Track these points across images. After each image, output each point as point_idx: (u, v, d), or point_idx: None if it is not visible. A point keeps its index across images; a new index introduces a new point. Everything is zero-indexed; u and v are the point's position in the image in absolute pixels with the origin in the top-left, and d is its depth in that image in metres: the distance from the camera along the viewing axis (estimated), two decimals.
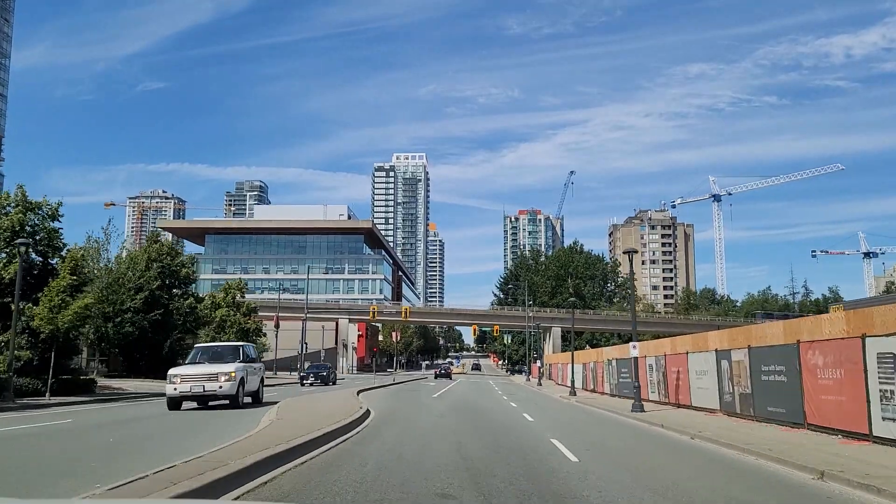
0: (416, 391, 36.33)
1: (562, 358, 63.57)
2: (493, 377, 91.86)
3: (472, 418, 19.08)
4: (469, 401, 28.85)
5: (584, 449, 12.37)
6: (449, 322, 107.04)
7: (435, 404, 25.35)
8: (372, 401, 24.61)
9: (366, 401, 23.14)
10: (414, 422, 17.49)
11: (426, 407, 23.79)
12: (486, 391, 41.07)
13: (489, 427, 16.55)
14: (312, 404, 20.62)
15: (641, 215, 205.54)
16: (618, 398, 31.12)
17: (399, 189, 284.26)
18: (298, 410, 17.88)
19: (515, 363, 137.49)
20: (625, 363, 30.97)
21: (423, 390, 38.00)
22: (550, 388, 48.33)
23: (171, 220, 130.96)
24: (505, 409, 24.90)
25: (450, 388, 42.46)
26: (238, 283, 57.31)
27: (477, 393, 37.81)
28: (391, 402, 26.16)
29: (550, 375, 71.60)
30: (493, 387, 48.89)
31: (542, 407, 26.68)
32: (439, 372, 70.42)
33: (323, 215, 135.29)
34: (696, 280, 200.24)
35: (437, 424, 16.78)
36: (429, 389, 39.25)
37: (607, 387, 35.58)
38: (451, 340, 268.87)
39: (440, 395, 32.03)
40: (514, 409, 24.14)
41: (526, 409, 23.71)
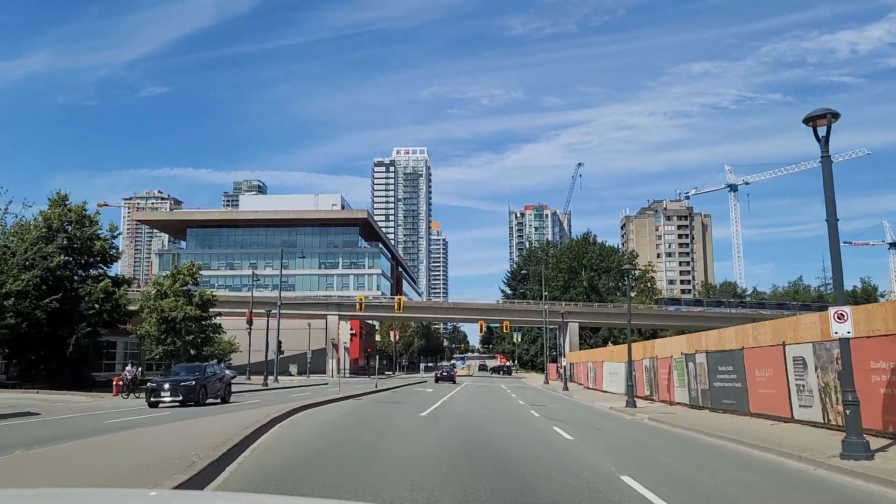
0: (401, 404, 25.20)
1: (590, 356, 52.51)
2: (503, 380, 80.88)
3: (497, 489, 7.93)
4: (482, 424, 16.98)
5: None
6: (452, 318, 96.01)
7: (420, 437, 13.91)
8: (300, 430, 13.85)
9: (282, 432, 12.33)
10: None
11: (400, 442, 12.61)
12: (502, 401, 30.06)
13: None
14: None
15: (656, 206, 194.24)
16: (713, 412, 20.06)
17: (400, 184, 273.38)
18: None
19: (525, 363, 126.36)
20: (721, 358, 20.03)
21: (414, 401, 26.98)
22: (583, 395, 37.30)
23: (149, 213, 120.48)
24: (557, 447, 12.38)
25: (452, 397, 31.54)
26: (189, 268, 46.45)
27: (491, 405, 26.79)
28: (338, 431, 14.80)
29: (572, 377, 60.62)
30: (509, 393, 37.87)
31: (622, 443, 13.98)
32: (440, 374, 59.50)
33: (315, 206, 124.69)
34: (714, 273, 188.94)
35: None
36: (421, 400, 28.22)
37: (680, 394, 24.54)
38: (456, 341, 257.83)
39: (434, 412, 20.78)
40: (580, 452, 11.74)
41: (603, 453, 11.74)
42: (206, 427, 12.81)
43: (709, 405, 20.95)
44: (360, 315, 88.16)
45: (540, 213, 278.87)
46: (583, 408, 26.13)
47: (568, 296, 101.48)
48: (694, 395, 22.61)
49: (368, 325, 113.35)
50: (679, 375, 24.64)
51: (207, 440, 10.18)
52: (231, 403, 25.58)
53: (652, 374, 29.58)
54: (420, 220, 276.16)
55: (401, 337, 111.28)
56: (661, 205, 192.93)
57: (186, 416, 16.65)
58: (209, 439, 10.29)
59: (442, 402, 26.27)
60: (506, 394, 37.04)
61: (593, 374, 44.28)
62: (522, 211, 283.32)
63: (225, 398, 26.48)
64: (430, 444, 12.34)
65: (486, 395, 34.33)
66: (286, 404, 19.73)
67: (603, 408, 25.92)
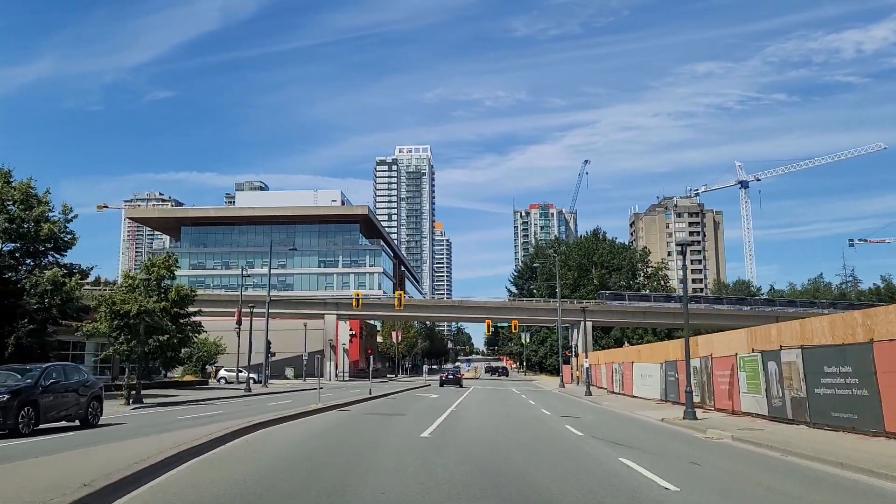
0: (398, 416, 19.86)
1: (611, 356, 47.31)
2: (512, 382, 75.73)
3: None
4: (511, 453, 11.63)
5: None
6: (458, 317, 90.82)
7: (419, 480, 8.55)
8: (225, 471, 8.58)
9: (193, 474, 7.13)
10: None
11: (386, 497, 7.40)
12: (524, 410, 24.88)
13: None
14: None
15: (666, 203, 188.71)
16: (815, 428, 14.78)
17: (402, 183, 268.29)
18: None
19: (533, 365, 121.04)
20: (830, 356, 14.83)
21: (414, 412, 21.81)
22: (613, 401, 32.12)
23: (142, 211, 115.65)
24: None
25: (461, 405, 26.41)
26: (165, 259, 41.47)
27: (512, 417, 21.61)
28: (282, 474, 9.60)
29: (592, 379, 55.42)
30: (526, 400, 32.69)
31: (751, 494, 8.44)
32: (446, 377, 54.27)
33: (314, 202, 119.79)
34: (726, 271, 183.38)
35: None
36: (423, 410, 23.06)
37: (750, 402, 19.35)
38: (460, 343, 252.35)
39: (439, 431, 15.25)
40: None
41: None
42: None
43: (805, 418, 15.75)
44: (360, 314, 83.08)
45: (545, 212, 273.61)
46: (627, 421, 20.95)
47: (578, 294, 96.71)
48: (777, 403, 17.40)
49: (369, 326, 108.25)
50: (750, 379, 19.45)
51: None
52: (112, 426, 17.24)
53: (703, 377, 24.42)
54: (423, 220, 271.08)
55: (403, 338, 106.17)
56: (671, 201, 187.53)
57: None
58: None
59: (449, 413, 21.13)
60: (523, 401, 31.87)
61: (619, 377, 39.10)
62: (527, 210, 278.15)
63: (89, 419, 17.14)
64: (435, 498, 7.27)
65: (502, 403, 29.16)
66: (240, 420, 14.66)
67: (652, 420, 20.75)
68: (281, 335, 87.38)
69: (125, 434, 14.18)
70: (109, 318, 25.36)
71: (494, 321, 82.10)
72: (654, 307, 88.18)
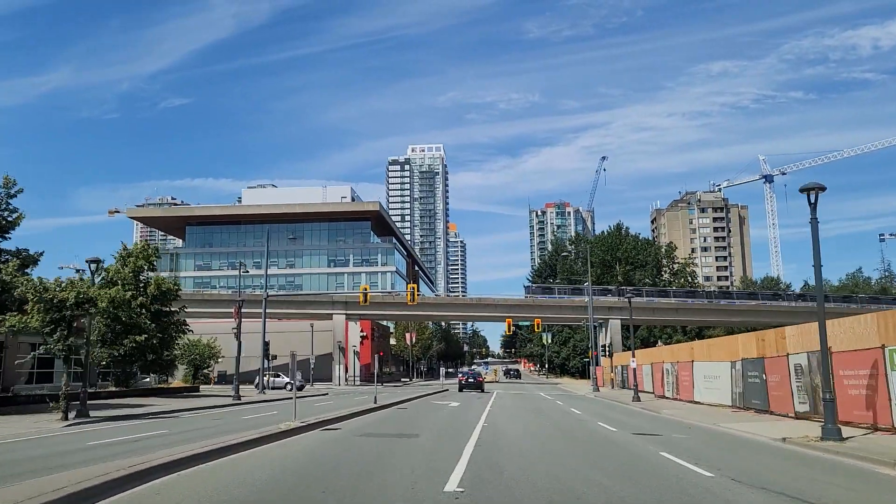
0: (407, 441, 13.51)
1: (655, 355, 41.29)
2: (537, 385, 69.82)
3: None
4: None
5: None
6: (475, 316, 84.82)
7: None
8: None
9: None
10: None
11: None
12: (580, 426, 18.96)
13: None
14: None
15: (689, 198, 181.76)
16: None
17: (415, 183, 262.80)
18: None
19: (555, 368, 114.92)
20: None
21: (430, 433, 15.78)
22: (675, 408, 26.20)
23: (144, 210, 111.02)
24: None
25: (491, 419, 20.63)
26: (143, 249, 36.19)
27: (572, 438, 15.68)
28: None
29: (626, 382, 49.50)
30: (570, 410, 26.79)
31: None
32: (465, 381, 48.47)
33: (322, 198, 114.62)
34: (752, 268, 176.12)
35: None
36: (442, 428, 17.19)
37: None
38: (476, 346, 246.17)
39: (474, 472, 9.35)
40: None
41: None
42: None
43: None
44: (370, 314, 77.57)
45: (562, 211, 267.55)
46: (734, 442, 15.05)
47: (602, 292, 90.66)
48: None
49: (382, 327, 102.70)
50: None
51: None
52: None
53: (813, 379, 18.54)
54: (437, 220, 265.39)
55: (418, 340, 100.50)
56: (694, 196, 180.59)
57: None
58: None
59: (480, 432, 15.39)
60: (566, 410, 26.05)
61: (672, 379, 33.16)
62: (543, 209, 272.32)
63: None
64: None
65: (543, 414, 23.37)
66: (155, 456, 9.13)
67: (766, 439, 14.92)
68: (287, 337, 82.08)
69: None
70: (43, 311, 19.93)
71: (515, 320, 76.29)
72: (687, 304, 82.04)
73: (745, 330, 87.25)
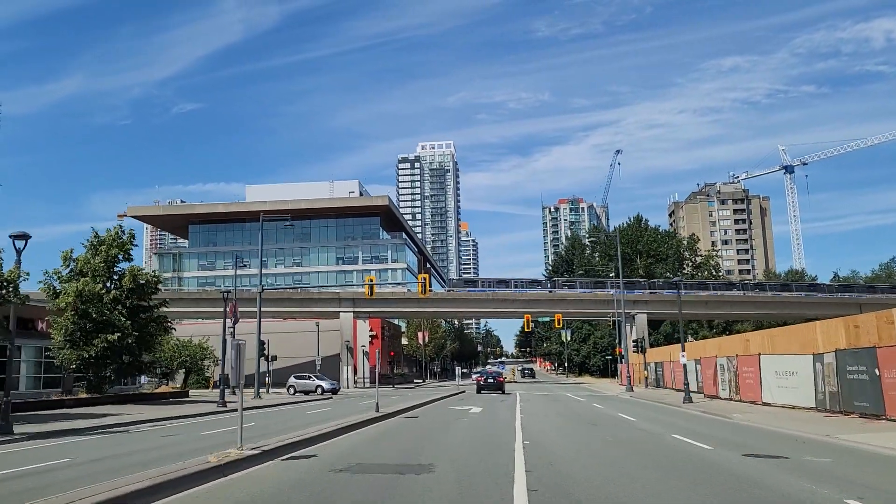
0: (411, 481, 8.80)
1: (701, 349, 36.30)
2: (557, 385, 65.00)
3: None
4: None
5: None
6: (490, 312, 79.88)
7: None
8: None
9: None
10: None
11: None
12: (653, 442, 14.12)
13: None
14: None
15: (708, 189, 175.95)
16: None
17: (426, 181, 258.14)
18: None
19: (574, 366, 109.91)
20: None
21: (449, 457, 10.94)
22: (748, 412, 21.35)
23: (143, 208, 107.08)
24: None
25: (528, 428, 15.91)
26: (118, 236, 31.82)
27: (649, 457, 10.92)
28: None
29: (662, 380, 44.68)
30: (618, 414, 22.00)
31: None
32: (484, 381, 43.73)
33: (329, 193, 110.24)
34: (775, 261, 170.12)
35: None
36: (465, 450, 12.22)
37: None
38: (490, 346, 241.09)
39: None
40: None
41: None
42: None
43: None
44: (380, 311, 73.05)
45: (575, 207, 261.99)
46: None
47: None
48: None
49: (393, 326, 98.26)
50: None
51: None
52: None
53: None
54: (448, 218, 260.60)
55: (430, 339, 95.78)
56: (713, 188, 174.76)
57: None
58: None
59: (526, 460, 10.58)
60: (616, 417, 21.24)
61: (729, 376, 28.25)
62: (556, 206, 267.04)
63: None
64: None
65: (597, 426, 18.52)
66: None
67: None
68: (291, 338, 77.81)
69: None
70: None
71: (534, 316, 71.50)
72: (717, 296, 76.88)
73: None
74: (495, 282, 77.78)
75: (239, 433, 10.61)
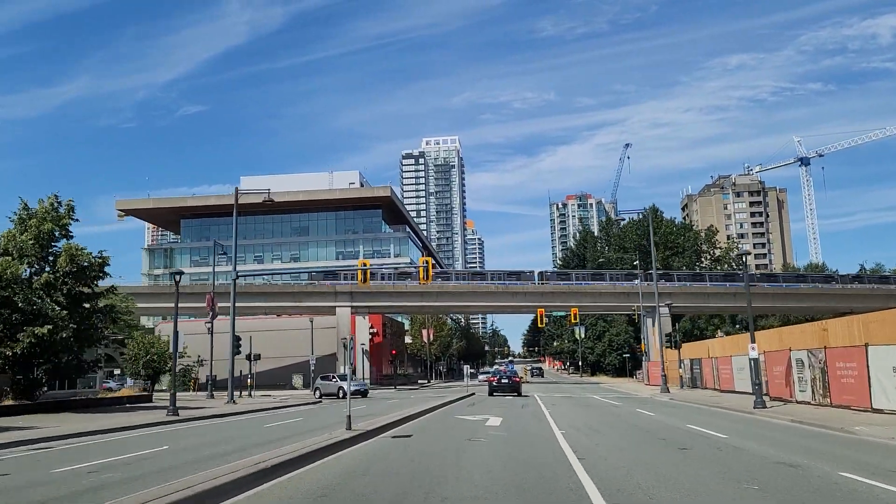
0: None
1: (764, 340, 30.23)
2: (576, 385, 59.12)
3: None
4: None
5: None
6: (499, 307, 73.56)
7: None
8: None
9: None
10: None
11: None
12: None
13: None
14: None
15: (723, 182, 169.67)
16: None
17: (430, 177, 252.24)
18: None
19: (588, 366, 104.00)
20: None
21: None
22: (876, 426, 15.45)
23: (132, 201, 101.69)
24: None
25: (590, 462, 10.17)
26: (54, 208, 26.13)
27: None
28: None
29: (700, 379, 38.78)
30: (706, 432, 16.11)
31: None
32: (497, 382, 37.74)
33: (329, 184, 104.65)
34: (793, 255, 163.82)
35: None
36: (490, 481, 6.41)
37: None
38: (497, 345, 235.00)
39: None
40: None
41: None
42: None
43: None
44: (381, 306, 67.39)
45: (584, 203, 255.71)
46: None
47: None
48: None
49: (396, 323, 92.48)
50: None
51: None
52: None
53: None
54: (454, 215, 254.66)
55: (436, 337, 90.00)
56: (728, 180, 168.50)
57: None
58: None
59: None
60: (698, 435, 15.38)
61: (814, 376, 22.30)
62: (564, 202, 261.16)
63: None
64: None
65: (688, 451, 12.54)
66: None
67: None
68: (283, 336, 72.23)
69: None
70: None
71: (548, 310, 65.67)
72: (744, 289, 70.79)
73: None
74: (505, 274, 72.02)
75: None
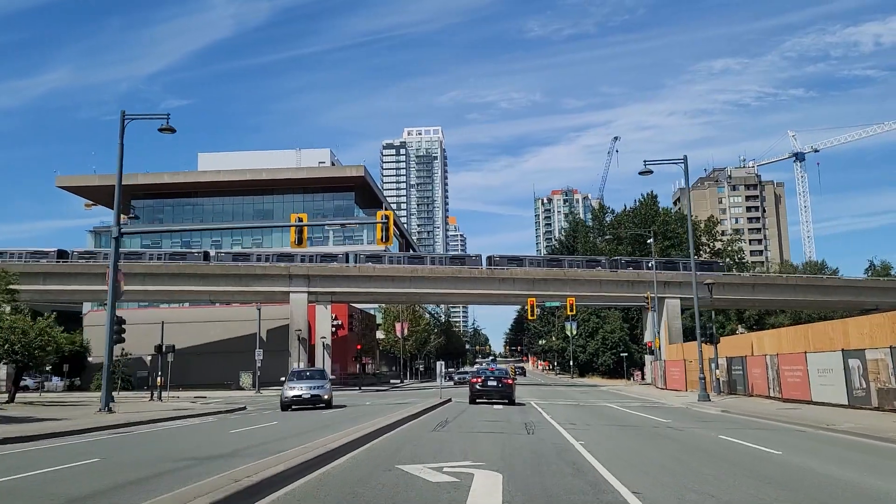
0: None
1: (802, 337, 21.06)
2: (572, 388, 50.09)
3: None
4: None
5: None
6: (484, 295, 62.73)
7: None
8: None
9: None
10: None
11: None
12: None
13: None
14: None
15: (717, 174, 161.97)
16: None
17: (412, 169, 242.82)
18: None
19: (579, 366, 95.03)
20: None
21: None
22: None
23: (73, 178, 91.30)
24: None
25: None
26: None
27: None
28: None
29: (744, 384, 29.75)
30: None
31: None
32: (483, 384, 27.74)
33: (296, 162, 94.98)
34: (790, 251, 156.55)
35: None
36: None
37: None
38: (478, 344, 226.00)
39: None
40: None
41: None
42: None
43: None
44: (345, 292, 57.51)
45: (570, 199, 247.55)
46: None
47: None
48: None
49: (367, 316, 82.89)
50: None
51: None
52: None
53: None
54: (436, 209, 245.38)
55: (411, 332, 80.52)
56: (723, 173, 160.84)
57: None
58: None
59: None
60: None
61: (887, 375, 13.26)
62: (549, 197, 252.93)
63: None
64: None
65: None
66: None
67: None
68: (230, 328, 62.61)
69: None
70: None
71: (539, 299, 56.63)
72: (763, 279, 62.57)
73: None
74: (448, 259, 63.72)
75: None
